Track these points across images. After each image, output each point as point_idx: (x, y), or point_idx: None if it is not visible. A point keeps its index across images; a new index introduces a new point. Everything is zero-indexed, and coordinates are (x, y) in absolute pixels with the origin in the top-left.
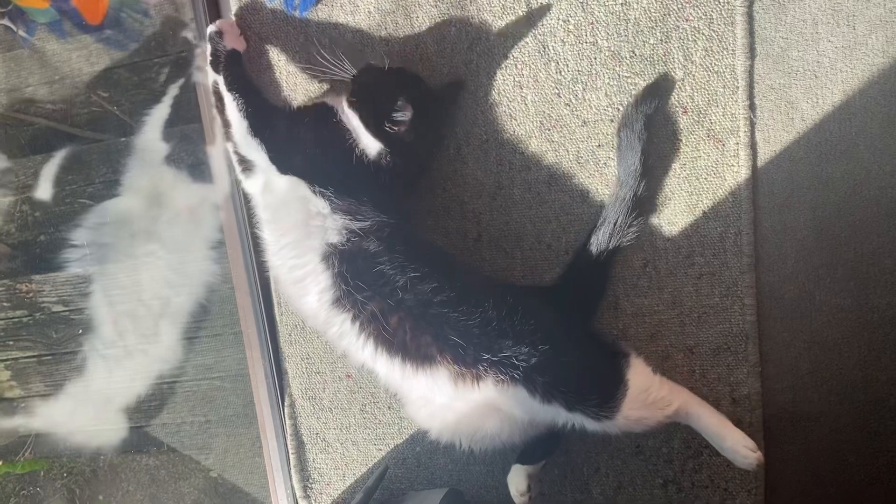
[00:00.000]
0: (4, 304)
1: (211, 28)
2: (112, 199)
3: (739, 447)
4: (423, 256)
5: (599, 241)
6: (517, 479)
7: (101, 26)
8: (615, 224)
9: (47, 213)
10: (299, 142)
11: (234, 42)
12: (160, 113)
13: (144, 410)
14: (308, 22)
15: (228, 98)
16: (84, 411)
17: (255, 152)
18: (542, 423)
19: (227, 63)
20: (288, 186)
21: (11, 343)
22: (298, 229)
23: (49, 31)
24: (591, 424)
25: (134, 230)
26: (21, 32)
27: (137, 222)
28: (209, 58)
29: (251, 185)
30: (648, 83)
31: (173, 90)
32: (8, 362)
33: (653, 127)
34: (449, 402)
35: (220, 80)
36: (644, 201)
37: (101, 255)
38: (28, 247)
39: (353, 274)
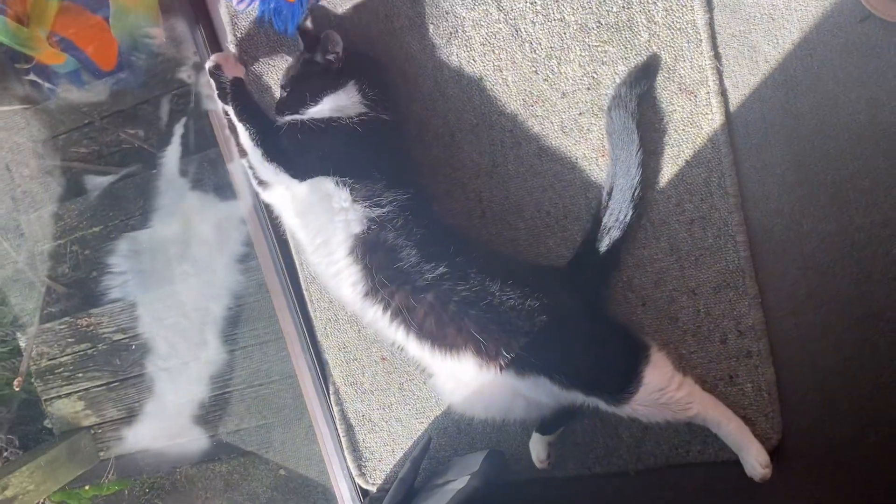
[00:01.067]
0: (69, 339)
1: (209, 63)
2: (145, 229)
3: (754, 461)
4: (440, 247)
5: (612, 237)
6: (538, 448)
7: (115, 71)
8: (626, 220)
9: (97, 251)
10: (311, 145)
11: (233, 71)
12: (172, 153)
13: (210, 421)
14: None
15: (240, 128)
16: (162, 426)
17: (274, 174)
18: (563, 404)
19: (233, 93)
20: (309, 189)
21: (81, 375)
22: (327, 228)
23: (69, 81)
24: (604, 406)
25: (170, 254)
26: (47, 85)
27: (173, 247)
28: (216, 91)
29: (271, 196)
30: (638, 63)
31: (178, 129)
32: (80, 393)
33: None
34: (476, 386)
35: (230, 110)
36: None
37: (143, 279)
38: (82, 284)
39: (377, 269)
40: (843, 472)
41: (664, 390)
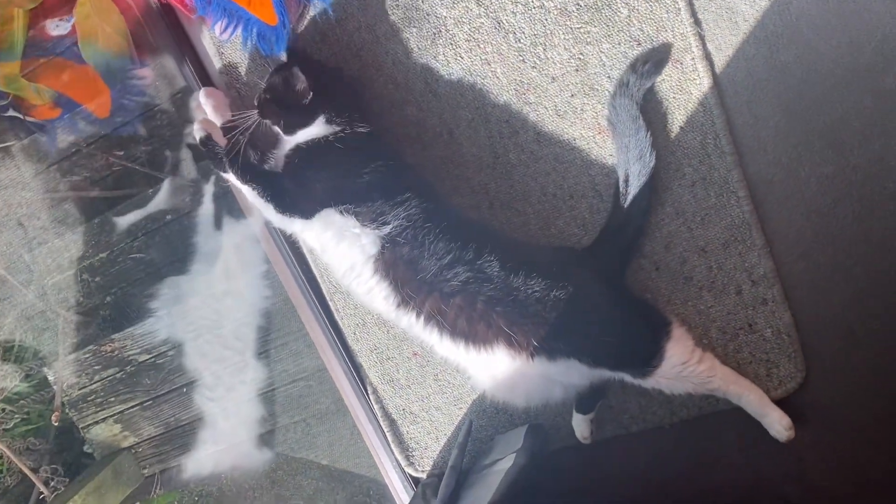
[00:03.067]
0: (96, 367)
1: (199, 133)
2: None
3: (777, 425)
4: (458, 251)
5: (636, 223)
6: (581, 427)
7: (111, 117)
8: (647, 205)
9: (106, 275)
10: (308, 184)
11: (223, 110)
12: (205, 211)
13: (265, 439)
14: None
15: (245, 189)
16: (226, 455)
17: (290, 223)
18: (594, 381)
19: (230, 160)
20: (322, 225)
21: (113, 399)
22: (347, 254)
23: (66, 131)
24: (630, 380)
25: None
26: (44, 138)
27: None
28: (213, 163)
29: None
30: (643, 51)
31: (209, 189)
32: (115, 416)
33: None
34: (512, 377)
35: (230, 177)
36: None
37: (178, 316)
38: (99, 310)
39: (402, 282)
40: (869, 396)
41: (686, 363)
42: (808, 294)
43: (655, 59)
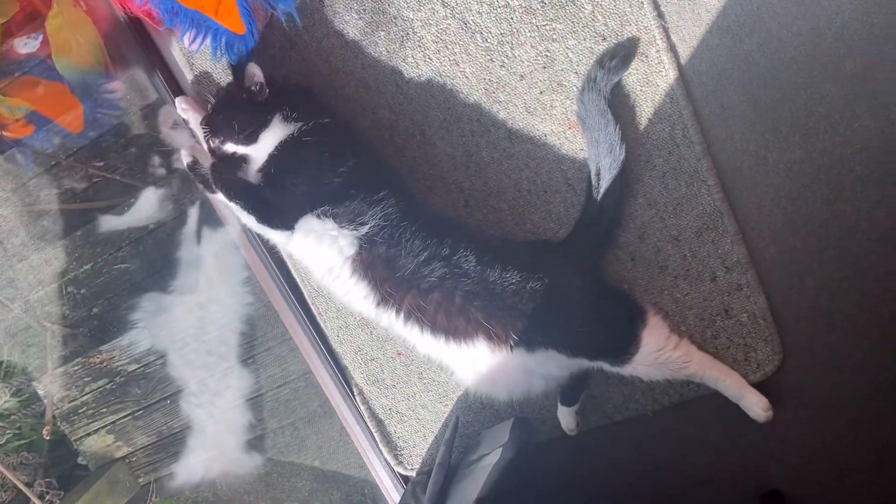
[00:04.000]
0: (86, 378)
1: (186, 159)
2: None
3: (755, 407)
4: (434, 247)
5: (609, 215)
6: (566, 419)
7: (84, 131)
8: (619, 196)
9: (91, 287)
10: (289, 190)
11: (201, 113)
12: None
13: (255, 444)
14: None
15: (232, 206)
16: (216, 461)
17: (270, 232)
18: (573, 371)
19: (215, 180)
20: (303, 233)
21: (104, 410)
22: (326, 258)
23: (42, 148)
24: (608, 368)
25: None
26: (19, 156)
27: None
28: (200, 186)
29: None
30: (611, 46)
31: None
32: (107, 427)
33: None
34: (493, 370)
35: (220, 196)
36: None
37: (162, 326)
38: (86, 322)
39: (381, 280)
40: (845, 375)
41: (662, 350)
42: (781, 278)
43: (622, 54)
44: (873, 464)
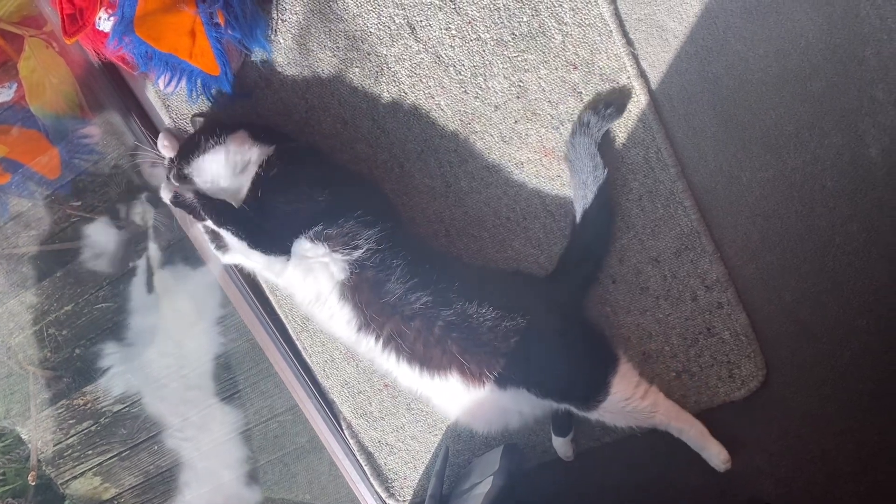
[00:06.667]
0: (70, 421)
1: (167, 196)
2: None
3: (716, 459)
4: (421, 276)
5: (597, 253)
6: (562, 449)
7: (61, 177)
8: (606, 244)
9: (73, 328)
10: (273, 217)
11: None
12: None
13: (248, 480)
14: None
15: (222, 231)
16: (214, 497)
17: (257, 256)
18: (544, 410)
19: (203, 207)
20: (295, 262)
21: (90, 452)
22: (314, 284)
23: (18, 195)
24: (575, 412)
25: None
26: None
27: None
28: (189, 217)
29: (244, 262)
30: (604, 90)
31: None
32: (94, 469)
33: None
34: (469, 404)
35: (209, 224)
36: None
37: (142, 365)
38: (69, 364)
39: (366, 304)
40: (827, 387)
41: (630, 399)
42: (761, 294)
43: (618, 102)
44: (860, 472)
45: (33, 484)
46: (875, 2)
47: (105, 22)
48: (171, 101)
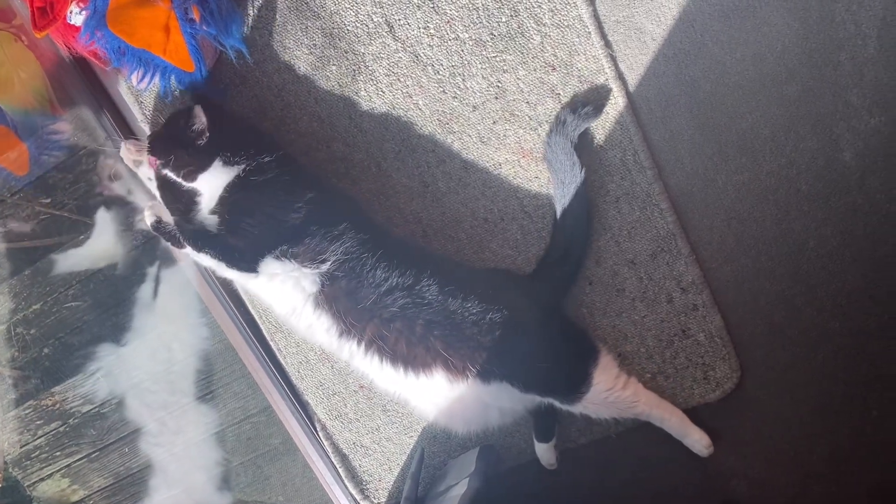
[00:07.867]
0: (38, 422)
1: (150, 220)
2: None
3: (698, 444)
4: (397, 277)
5: (576, 254)
6: (546, 456)
7: (30, 174)
8: (587, 236)
9: (42, 327)
10: (243, 234)
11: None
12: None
13: (221, 484)
14: None
15: (200, 256)
16: (184, 500)
17: (235, 274)
18: (527, 405)
19: (182, 233)
20: (266, 277)
21: (59, 453)
22: (289, 297)
23: None
24: (558, 405)
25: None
26: None
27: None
28: (169, 243)
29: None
30: (582, 91)
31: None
32: (62, 470)
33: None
34: (451, 402)
35: (189, 250)
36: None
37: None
38: (37, 364)
39: (344, 311)
40: (801, 390)
41: (611, 390)
42: (736, 297)
43: (596, 102)
44: (831, 474)
45: None
46: (850, 7)
47: (77, 16)
48: (144, 98)
